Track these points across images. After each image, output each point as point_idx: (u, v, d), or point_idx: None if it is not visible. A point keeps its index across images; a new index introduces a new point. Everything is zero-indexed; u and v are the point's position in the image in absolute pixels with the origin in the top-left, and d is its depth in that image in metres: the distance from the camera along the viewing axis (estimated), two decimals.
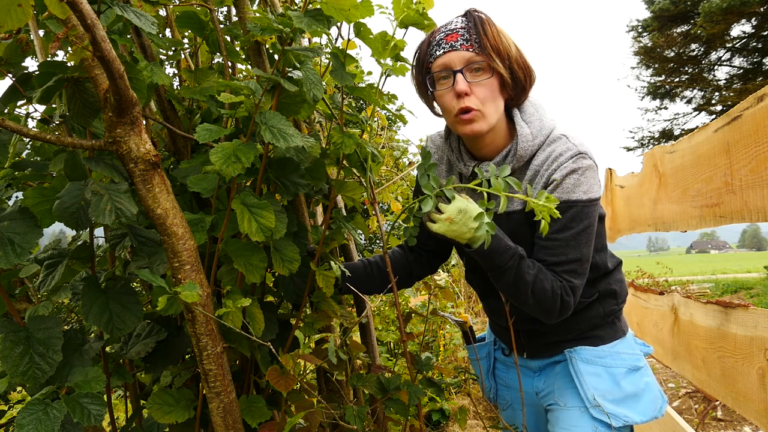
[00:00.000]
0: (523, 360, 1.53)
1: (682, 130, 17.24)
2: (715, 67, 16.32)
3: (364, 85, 1.40)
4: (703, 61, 16.19)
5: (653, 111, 17.93)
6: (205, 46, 1.49)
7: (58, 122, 1.30)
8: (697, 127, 2.00)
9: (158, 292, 1.04)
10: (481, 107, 1.26)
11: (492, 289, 1.42)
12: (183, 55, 1.54)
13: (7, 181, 1.28)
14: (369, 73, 2.15)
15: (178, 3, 1.43)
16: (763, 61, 15.41)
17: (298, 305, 1.40)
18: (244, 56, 1.53)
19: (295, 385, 1.19)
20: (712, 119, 1.62)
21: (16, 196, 1.32)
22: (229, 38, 1.47)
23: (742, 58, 15.81)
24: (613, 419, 1.33)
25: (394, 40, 1.29)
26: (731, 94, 15.49)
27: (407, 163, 4.07)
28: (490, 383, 1.62)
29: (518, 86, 1.30)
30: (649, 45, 16.40)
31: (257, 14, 1.21)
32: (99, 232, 1.30)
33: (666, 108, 17.77)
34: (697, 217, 1.67)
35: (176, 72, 1.66)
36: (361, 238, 2.82)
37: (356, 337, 1.85)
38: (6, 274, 1.28)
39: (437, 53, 1.28)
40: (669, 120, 17.58)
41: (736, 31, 18.51)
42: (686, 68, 16.46)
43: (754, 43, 15.20)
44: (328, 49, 1.32)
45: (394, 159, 3.88)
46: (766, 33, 14.76)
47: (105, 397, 1.18)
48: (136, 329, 1.32)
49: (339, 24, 1.33)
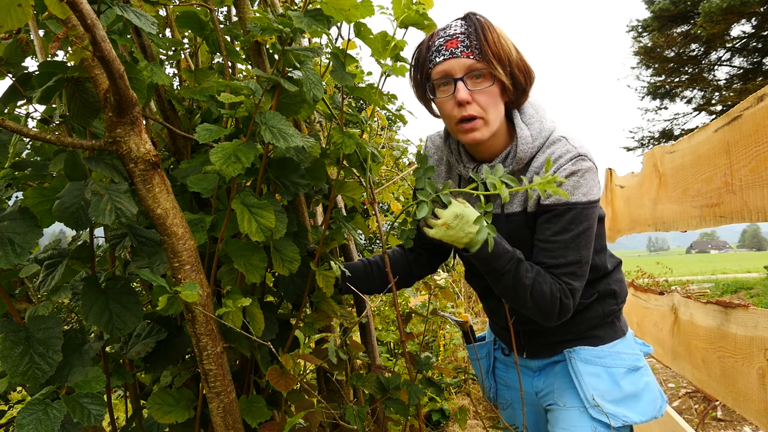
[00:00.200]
0: (523, 360, 1.53)
1: (682, 130, 17.24)
2: (715, 67, 16.32)
3: (364, 85, 1.40)
4: (703, 61, 16.19)
5: (653, 111, 17.94)
6: (205, 46, 1.49)
7: (58, 122, 1.30)
8: (697, 127, 2.00)
9: (158, 292, 1.04)
10: (483, 115, 1.25)
11: (492, 290, 1.42)
12: (183, 55, 1.54)
13: (7, 181, 1.28)
14: (369, 73, 2.15)
15: (178, 3, 1.43)
16: (763, 61, 15.41)
17: (298, 305, 1.40)
18: (244, 56, 1.53)
19: (295, 385, 1.20)
20: (712, 119, 1.62)
21: (16, 196, 1.32)
22: (229, 38, 1.47)
23: (742, 58, 15.81)
24: (613, 419, 1.33)
25: (394, 40, 1.29)
26: (731, 94, 15.49)
27: (407, 163, 4.07)
28: (490, 383, 1.62)
29: (518, 89, 1.29)
30: (649, 45, 16.40)
31: (257, 14, 1.21)
32: (99, 232, 1.30)
33: (666, 108, 17.78)
34: (697, 217, 1.67)
35: (176, 72, 1.66)
36: (361, 238, 2.81)
37: (356, 337, 1.85)
38: (6, 274, 1.28)
39: (437, 60, 1.26)
40: (669, 120, 17.59)
41: (736, 31, 18.53)
42: (686, 68, 16.46)
43: (754, 43, 15.20)
44: (328, 49, 1.32)
45: (394, 159, 3.87)
46: (766, 33, 14.76)
47: (105, 397, 1.18)
48: (136, 329, 1.32)
49: (339, 24, 1.33)
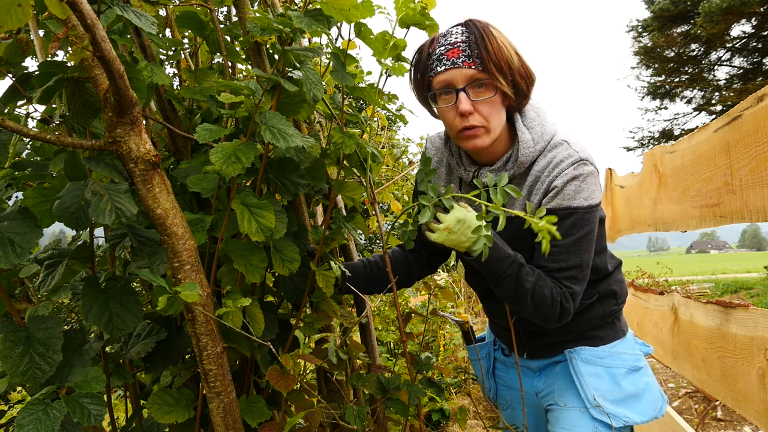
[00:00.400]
0: (523, 360, 1.53)
1: (682, 130, 17.24)
2: (715, 67, 16.32)
3: (364, 85, 1.40)
4: (703, 61, 16.19)
5: (653, 111, 17.94)
6: (205, 46, 1.49)
7: (58, 122, 1.30)
8: (697, 127, 2.00)
9: (158, 292, 1.04)
10: (485, 124, 1.25)
11: (491, 291, 1.42)
12: (183, 55, 1.54)
13: (7, 181, 1.28)
14: (369, 73, 2.14)
15: (178, 3, 1.43)
16: (763, 61, 15.40)
17: (298, 305, 1.40)
18: (244, 56, 1.53)
19: (295, 385, 1.20)
20: (712, 119, 1.62)
21: (16, 196, 1.32)
22: (229, 38, 1.47)
23: (742, 58, 15.81)
24: (614, 419, 1.33)
25: (395, 40, 1.29)
26: (731, 94, 15.49)
27: (407, 162, 4.07)
28: (489, 383, 1.62)
29: (520, 95, 1.28)
30: (649, 45, 16.40)
31: (257, 14, 1.21)
32: (99, 232, 1.30)
33: (666, 108, 17.78)
34: (697, 217, 1.67)
35: (176, 72, 1.66)
36: (361, 238, 2.81)
37: (356, 337, 1.85)
38: (6, 274, 1.28)
39: (438, 69, 1.25)
40: (669, 120, 17.59)
41: (736, 31, 18.53)
42: (686, 68, 16.46)
43: (754, 43, 15.20)
44: (328, 49, 1.32)
45: (394, 159, 3.87)
46: (766, 33, 14.76)
47: (105, 397, 1.18)
48: (136, 329, 1.32)
49: (339, 24, 1.33)
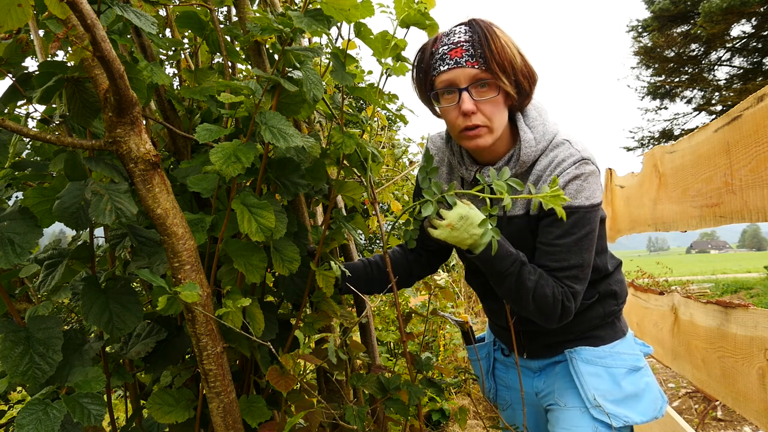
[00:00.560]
0: (523, 360, 1.53)
1: (682, 130, 17.24)
2: (715, 67, 16.32)
3: (364, 85, 1.40)
4: (703, 61, 16.18)
5: (653, 111, 17.94)
6: (205, 46, 1.49)
7: (58, 122, 1.30)
8: (697, 127, 2.00)
9: (158, 292, 1.04)
10: (488, 123, 1.25)
11: (491, 290, 1.42)
12: (183, 55, 1.54)
13: (7, 181, 1.28)
14: (369, 73, 2.14)
15: (178, 3, 1.43)
16: (763, 61, 15.40)
17: (298, 305, 1.40)
18: (244, 56, 1.53)
19: (295, 385, 1.19)
20: (712, 119, 1.62)
21: (16, 196, 1.32)
22: (229, 38, 1.47)
23: (742, 58, 15.80)
24: (614, 419, 1.33)
25: (395, 40, 1.29)
26: (731, 94, 15.48)
27: (408, 163, 4.07)
28: (489, 383, 1.62)
29: (522, 94, 1.29)
30: (649, 45, 16.40)
31: (257, 14, 1.20)
32: (99, 232, 1.30)
33: (666, 108, 17.78)
34: (697, 217, 1.67)
35: (176, 72, 1.66)
36: (361, 238, 2.81)
37: (356, 337, 1.84)
38: (6, 274, 1.28)
39: (441, 68, 1.24)
40: (669, 120, 17.58)
41: (736, 31, 18.51)
42: (686, 68, 16.46)
43: (754, 43, 15.19)
44: (328, 49, 1.32)
45: (394, 159, 3.87)
46: (766, 33, 14.76)
47: (105, 397, 1.18)
48: (136, 329, 1.32)
49: (339, 24, 1.33)
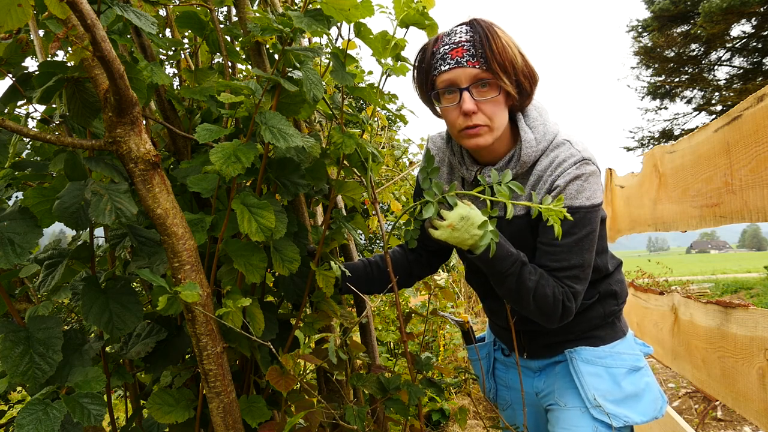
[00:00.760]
0: (523, 360, 1.53)
1: (682, 130, 17.24)
2: (715, 67, 16.32)
3: (364, 85, 1.40)
4: (703, 61, 16.18)
5: (653, 111, 17.94)
6: (205, 46, 1.49)
7: (58, 122, 1.30)
8: (697, 127, 2.00)
9: (158, 292, 1.04)
10: (489, 123, 1.25)
11: (492, 290, 1.42)
12: (183, 55, 1.54)
13: (7, 181, 1.28)
14: (369, 73, 2.14)
15: (178, 3, 1.43)
16: (763, 61, 15.40)
17: (298, 305, 1.40)
18: (244, 56, 1.53)
19: (295, 385, 1.19)
20: (712, 119, 1.62)
21: (16, 196, 1.32)
22: (229, 38, 1.47)
23: (742, 58, 15.80)
24: (614, 419, 1.33)
25: (395, 40, 1.29)
26: (731, 94, 15.48)
27: (408, 163, 4.06)
28: (490, 383, 1.62)
29: (523, 95, 1.29)
30: (649, 45, 16.40)
31: (257, 14, 1.21)
32: (99, 232, 1.30)
33: (666, 108, 17.78)
34: (697, 217, 1.67)
35: (176, 72, 1.66)
36: (361, 238, 2.81)
37: (356, 337, 1.84)
38: (6, 274, 1.28)
39: (442, 68, 1.24)
40: (669, 120, 17.58)
41: (736, 31, 18.52)
42: (686, 68, 16.46)
43: (754, 43, 15.19)
44: (328, 49, 1.32)
45: (394, 159, 3.87)
46: (766, 33, 14.76)
47: (105, 397, 1.18)
48: (136, 329, 1.32)
49: (339, 24, 1.33)
